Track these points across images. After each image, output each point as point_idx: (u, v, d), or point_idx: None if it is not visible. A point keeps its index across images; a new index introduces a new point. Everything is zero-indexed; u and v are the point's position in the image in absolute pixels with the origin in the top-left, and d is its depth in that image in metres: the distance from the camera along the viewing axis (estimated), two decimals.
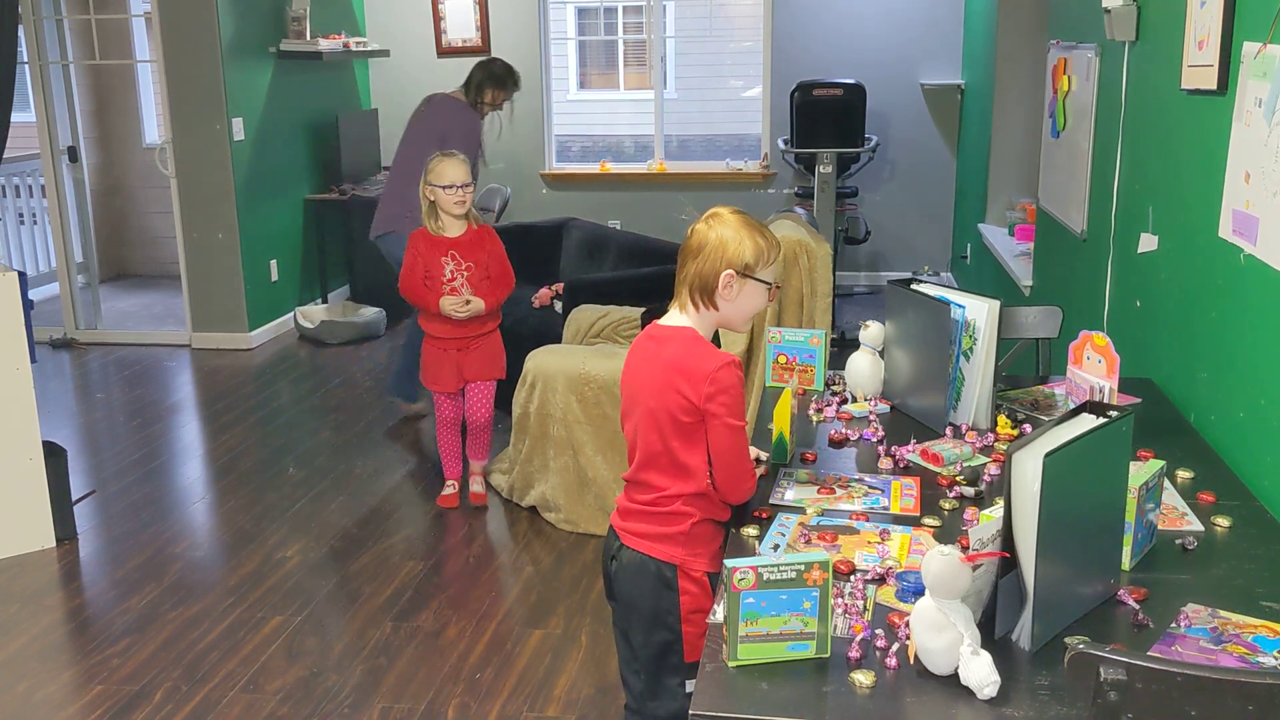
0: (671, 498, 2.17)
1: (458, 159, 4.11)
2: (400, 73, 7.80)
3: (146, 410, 5.59)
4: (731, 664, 1.63)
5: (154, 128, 8.35)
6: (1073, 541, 1.69)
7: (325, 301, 7.24)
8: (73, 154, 6.73)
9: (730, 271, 2.11)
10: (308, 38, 6.84)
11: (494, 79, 5.14)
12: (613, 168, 7.97)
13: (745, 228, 2.14)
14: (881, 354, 2.75)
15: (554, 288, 5.31)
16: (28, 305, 4.01)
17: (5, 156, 4.33)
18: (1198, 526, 2.05)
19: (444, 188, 4.07)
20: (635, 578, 2.20)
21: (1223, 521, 2.06)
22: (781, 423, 2.34)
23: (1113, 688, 1.27)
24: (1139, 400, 2.64)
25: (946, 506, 2.14)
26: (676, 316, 2.19)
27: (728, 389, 2.09)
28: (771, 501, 2.18)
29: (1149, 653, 1.61)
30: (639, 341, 2.25)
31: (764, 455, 2.33)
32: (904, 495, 2.20)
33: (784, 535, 2.04)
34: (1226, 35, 2.44)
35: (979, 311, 2.50)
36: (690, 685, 2.11)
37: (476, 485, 4.43)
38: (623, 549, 2.23)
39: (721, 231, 2.13)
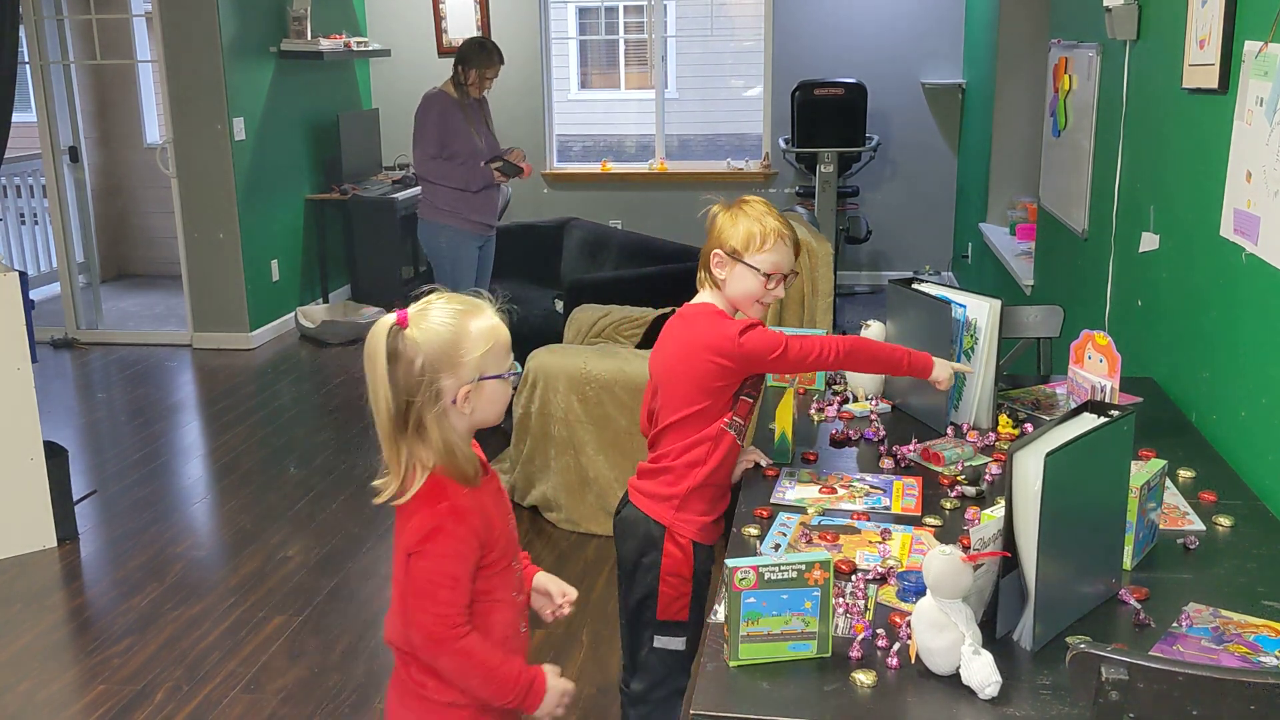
0: (675, 461, 2.27)
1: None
2: (401, 73, 7.79)
3: (148, 410, 5.59)
4: (733, 664, 1.63)
5: (155, 127, 8.35)
6: (1074, 541, 1.69)
7: (326, 301, 7.24)
8: (74, 154, 6.74)
9: (718, 252, 2.23)
10: (309, 37, 6.84)
11: (462, 60, 5.11)
12: (614, 167, 7.97)
13: (747, 215, 2.23)
14: None
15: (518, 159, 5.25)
16: (29, 305, 4.01)
17: (6, 156, 4.32)
18: (1199, 526, 2.04)
19: None
20: (628, 531, 2.33)
21: (1224, 521, 2.06)
22: (783, 422, 2.35)
23: (1114, 687, 1.27)
24: (1140, 399, 2.64)
25: (948, 506, 2.14)
26: (701, 295, 2.31)
27: (757, 343, 2.20)
28: (773, 501, 2.18)
29: (1150, 652, 1.61)
30: (670, 321, 2.38)
31: (764, 460, 2.33)
32: (905, 495, 2.19)
33: (785, 535, 2.04)
34: (1228, 34, 2.44)
35: (980, 311, 2.50)
36: (659, 640, 2.30)
37: None
38: (626, 504, 2.37)
39: (730, 214, 2.24)
